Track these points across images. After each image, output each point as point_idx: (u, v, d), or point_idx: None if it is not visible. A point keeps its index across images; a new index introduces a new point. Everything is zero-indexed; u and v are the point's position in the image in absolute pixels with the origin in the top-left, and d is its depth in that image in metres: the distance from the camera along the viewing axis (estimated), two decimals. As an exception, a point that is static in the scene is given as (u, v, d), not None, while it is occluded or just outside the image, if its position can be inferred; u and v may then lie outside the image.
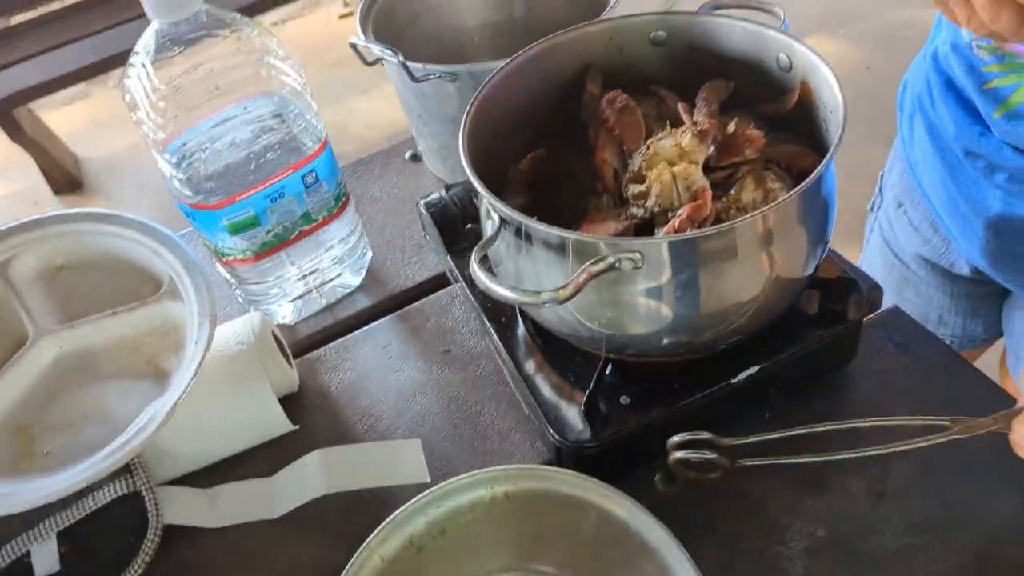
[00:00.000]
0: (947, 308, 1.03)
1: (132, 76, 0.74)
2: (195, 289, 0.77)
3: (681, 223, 0.60)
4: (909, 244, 1.02)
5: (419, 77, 0.88)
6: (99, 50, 2.28)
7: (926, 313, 1.06)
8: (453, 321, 0.88)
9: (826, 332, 0.70)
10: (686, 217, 0.60)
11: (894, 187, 1.04)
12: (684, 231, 0.60)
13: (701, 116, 0.68)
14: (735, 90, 0.74)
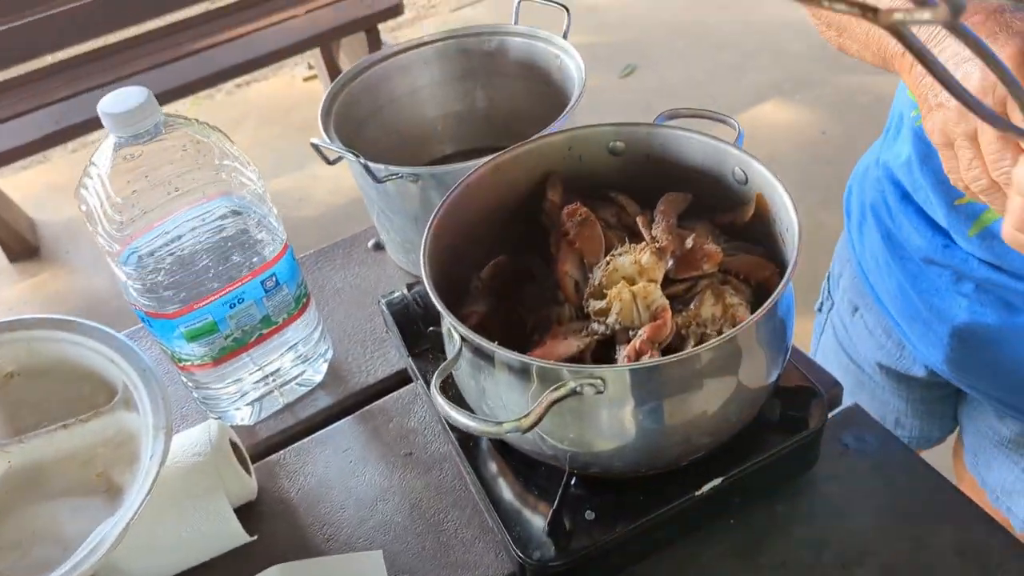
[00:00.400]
0: (904, 412, 1.04)
1: (89, 188, 0.73)
2: (150, 399, 0.75)
3: (642, 344, 0.60)
4: (865, 349, 1.03)
5: (381, 178, 0.88)
6: (59, 119, 2.26)
7: (883, 416, 1.05)
8: (415, 421, 0.87)
9: (788, 441, 0.71)
10: (647, 338, 0.61)
11: (847, 291, 1.04)
12: (645, 352, 0.60)
13: (659, 231, 0.69)
14: (694, 199, 0.75)
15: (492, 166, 0.75)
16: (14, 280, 2.67)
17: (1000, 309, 0.80)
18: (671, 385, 0.58)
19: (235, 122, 3.24)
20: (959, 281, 0.82)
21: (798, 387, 0.73)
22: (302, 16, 2.60)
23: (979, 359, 0.85)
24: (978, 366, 0.86)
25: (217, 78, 2.46)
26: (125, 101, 0.70)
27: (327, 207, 2.78)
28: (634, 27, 3.45)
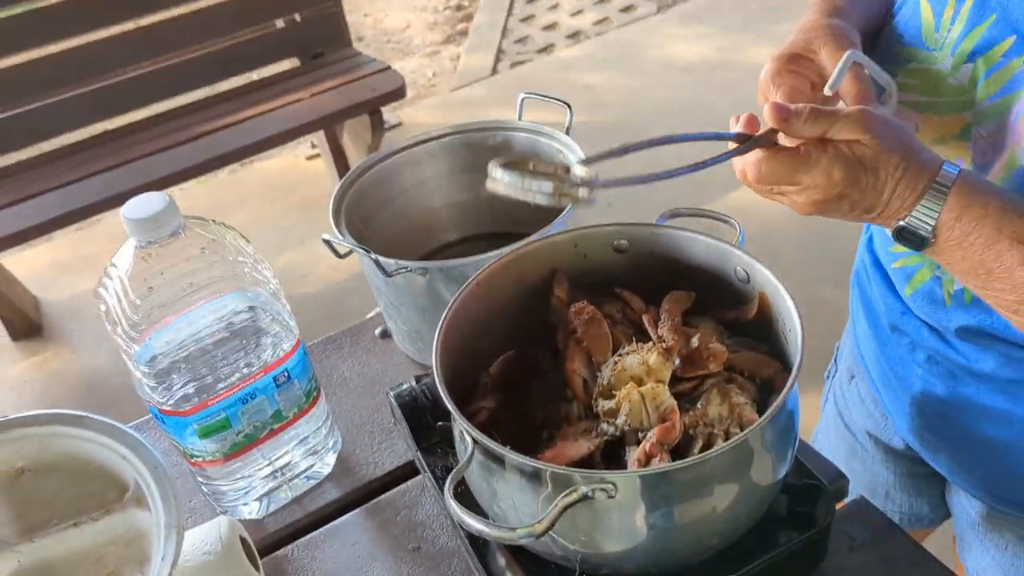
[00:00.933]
0: (892, 485, 1.05)
1: (108, 288, 0.75)
2: (162, 496, 0.75)
3: (651, 448, 0.62)
4: (858, 417, 1.05)
5: (391, 272, 0.91)
6: (65, 203, 2.30)
7: (874, 487, 1.07)
8: (423, 514, 0.87)
9: (797, 537, 0.71)
10: (656, 441, 0.62)
11: (847, 359, 1.07)
12: (655, 455, 0.61)
13: (665, 330, 0.70)
14: (698, 295, 0.77)
15: (500, 264, 0.78)
16: (17, 359, 2.67)
17: (947, 379, 0.83)
18: (681, 489, 0.59)
19: (239, 199, 3.28)
20: (914, 350, 0.85)
21: (805, 483, 0.73)
22: (307, 99, 2.67)
23: (937, 432, 0.87)
24: (936, 439, 0.88)
25: (223, 160, 2.50)
26: (147, 207, 0.72)
27: (329, 283, 2.80)
28: (629, 105, 3.53)
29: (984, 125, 0.68)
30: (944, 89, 0.71)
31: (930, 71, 0.71)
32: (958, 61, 0.69)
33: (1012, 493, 0.85)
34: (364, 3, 4.76)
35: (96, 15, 2.56)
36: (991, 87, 0.67)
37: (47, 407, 2.58)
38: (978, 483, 0.88)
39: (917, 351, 0.85)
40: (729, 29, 3.94)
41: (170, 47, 2.68)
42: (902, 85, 0.73)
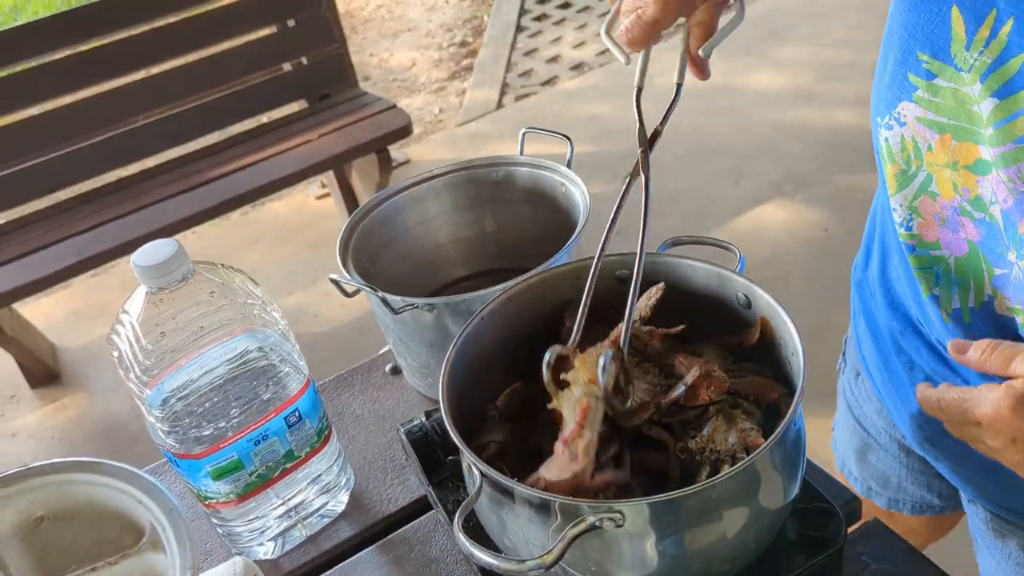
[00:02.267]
0: (904, 477, 1.05)
1: (120, 334, 0.77)
2: (177, 539, 0.76)
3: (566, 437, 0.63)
4: (869, 412, 1.06)
5: (399, 309, 0.92)
6: (82, 250, 2.34)
7: (886, 479, 1.08)
8: (437, 550, 0.87)
9: (809, 562, 0.71)
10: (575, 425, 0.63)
11: (852, 355, 1.08)
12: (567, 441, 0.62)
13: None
14: (701, 321, 0.78)
15: (504, 298, 0.79)
16: (35, 406, 2.70)
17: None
18: (689, 515, 0.59)
19: (251, 240, 3.32)
20: (912, 370, 0.85)
21: (815, 507, 0.73)
22: (315, 140, 2.71)
23: (936, 444, 0.87)
24: (936, 450, 0.88)
25: (234, 203, 2.54)
26: (156, 254, 0.74)
27: (340, 322, 2.82)
28: (634, 135, 3.56)
29: (1007, 169, 0.62)
30: (965, 115, 0.65)
31: (957, 93, 0.65)
32: (984, 92, 0.62)
33: (1012, 503, 0.85)
34: (369, 44, 4.84)
35: (106, 66, 2.62)
36: (1015, 131, 0.61)
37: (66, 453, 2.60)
38: (980, 492, 0.88)
39: (916, 371, 0.85)
40: (731, 54, 3.98)
41: (179, 94, 2.73)
42: (920, 99, 0.68)
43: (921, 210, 0.73)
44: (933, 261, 0.75)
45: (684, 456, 0.68)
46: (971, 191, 0.67)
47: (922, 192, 0.72)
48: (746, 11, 0.75)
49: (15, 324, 2.57)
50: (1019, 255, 0.64)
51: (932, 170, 0.70)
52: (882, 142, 0.75)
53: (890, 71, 0.72)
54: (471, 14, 4.89)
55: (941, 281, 0.75)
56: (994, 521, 0.90)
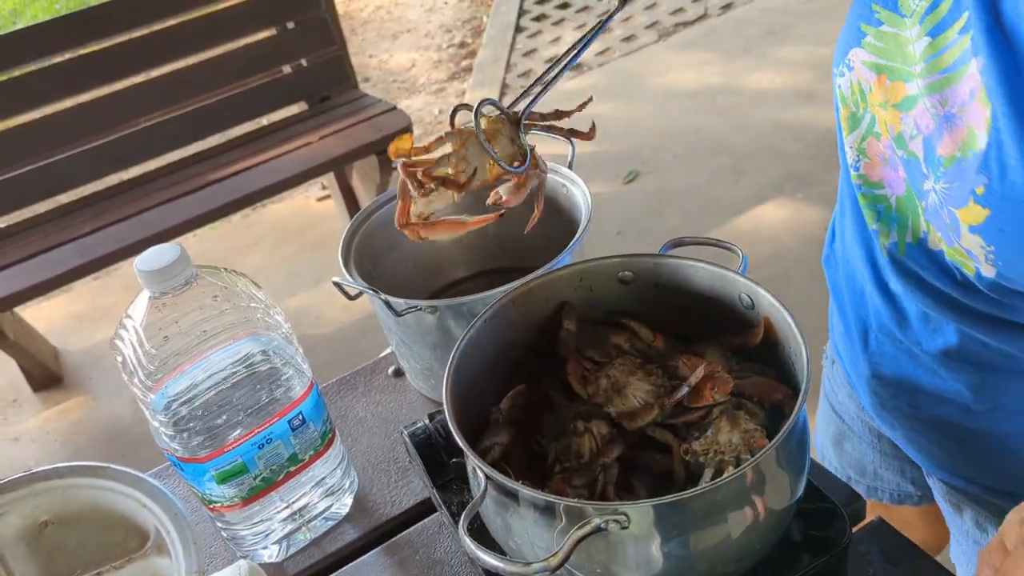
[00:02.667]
0: (879, 464, 1.07)
1: (124, 339, 0.77)
2: (182, 543, 0.77)
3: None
4: (843, 398, 1.08)
5: (401, 311, 0.92)
6: (84, 253, 2.34)
7: (863, 466, 1.10)
8: (442, 552, 0.88)
9: (814, 562, 0.71)
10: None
11: (831, 345, 1.10)
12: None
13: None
14: (704, 322, 0.78)
15: (507, 301, 0.79)
16: (39, 409, 2.70)
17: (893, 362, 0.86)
18: (694, 517, 0.59)
19: (252, 243, 3.32)
20: (867, 332, 0.89)
21: (819, 507, 0.73)
22: (316, 142, 2.71)
23: (890, 410, 0.90)
24: (891, 416, 0.92)
25: (235, 206, 2.54)
26: (160, 259, 0.74)
27: (342, 324, 2.82)
28: (634, 134, 3.56)
29: (931, 97, 0.68)
30: (901, 56, 0.72)
31: (897, 36, 0.72)
32: (922, 31, 0.70)
33: (961, 469, 0.87)
34: (369, 45, 4.85)
35: (106, 69, 2.62)
36: (941, 63, 0.67)
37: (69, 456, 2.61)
38: (931, 460, 0.91)
39: (870, 333, 0.88)
40: (730, 54, 3.98)
41: (180, 97, 2.73)
42: (867, 44, 0.75)
43: (868, 151, 0.79)
44: (877, 200, 0.80)
45: (688, 458, 0.68)
46: (896, 128, 0.73)
47: (868, 133, 0.78)
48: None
49: (17, 328, 2.57)
50: (935, 178, 0.68)
51: (874, 111, 0.76)
52: (837, 89, 0.81)
53: (849, 22, 0.79)
54: (470, 15, 4.89)
55: (882, 217, 0.79)
56: (950, 494, 0.93)
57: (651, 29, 4.29)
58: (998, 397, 0.79)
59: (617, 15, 0.76)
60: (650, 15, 4.40)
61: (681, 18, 4.33)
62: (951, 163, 0.66)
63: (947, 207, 0.67)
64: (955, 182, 0.65)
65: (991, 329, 0.74)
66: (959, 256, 0.69)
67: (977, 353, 0.77)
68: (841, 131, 0.83)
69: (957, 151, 0.65)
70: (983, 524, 0.91)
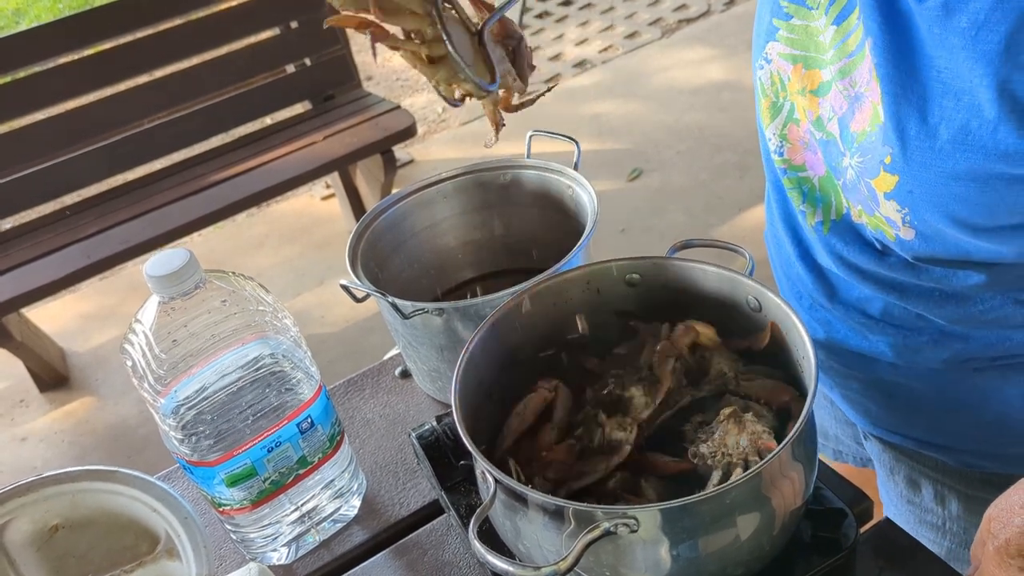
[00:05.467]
0: (836, 429, 1.11)
1: (134, 344, 0.77)
2: (192, 546, 0.77)
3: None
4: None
5: (408, 314, 0.92)
6: (90, 254, 2.34)
7: (825, 430, 1.14)
8: (450, 554, 0.88)
9: (822, 563, 0.71)
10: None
11: None
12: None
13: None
14: (711, 323, 0.78)
15: (515, 303, 0.79)
16: (45, 409, 2.71)
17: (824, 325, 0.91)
18: (704, 520, 0.60)
19: (256, 242, 3.33)
20: (801, 299, 0.93)
21: (827, 508, 0.74)
22: (320, 142, 2.71)
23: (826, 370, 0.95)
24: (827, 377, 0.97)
25: (239, 206, 2.55)
26: (168, 264, 0.74)
27: (347, 323, 2.82)
28: (637, 132, 3.56)
29: (842, 80, 0.74)
30: (813, 46, 0.77)
31: (808, 28, 0.77)
32: (828, 20, 0.75)
33: (895, 424, 0.92)
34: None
35: (110, 70, 2.63)
36: (847, 48, 0.72)
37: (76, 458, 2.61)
38: (867, 416, 0.94)
39: (803, 299, 0.93)
40: (733, 50, 3.97)
41: (184, 97, 2.74)
42: (781, 37, 0.80)
43: (789, 136, 0.84)
44: (801, 181, 0.85)
45: (696, 460, 0.68)
46: (814, 112, 0.78)
47: (789, 120, 0.83)
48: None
49: (24, 329, 2.58)
50: (851, 154, 0.74)
51: (793, 99, 0.81)
52: (758, 82, 0.86)
53: (760, 18, 0.84)
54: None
55: (807, 198, 0.84)
56: (884, 453, 0.97)
57: (654, 26, 4.29)
58: (916, 356, 0.84)
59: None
60: (653, 11, 4.39)
61: (684, 14, 4.33)
62: (863, 137, 0.72)
63: (863, 179, 0.73)
64: (868, 155, 0.71)
65: (908, 295, 0.80)
66: (881, 224, 0.74)
67: (897, 317, 0.83)
68: (761, 121, 0.89)
69: (867, 126, 0.71)
70: (916, 480, 0.95)
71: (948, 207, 0.67)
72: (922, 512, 0.96)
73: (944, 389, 0.85)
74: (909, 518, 0.98)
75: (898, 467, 0.97)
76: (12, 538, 0.80)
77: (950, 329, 0.80)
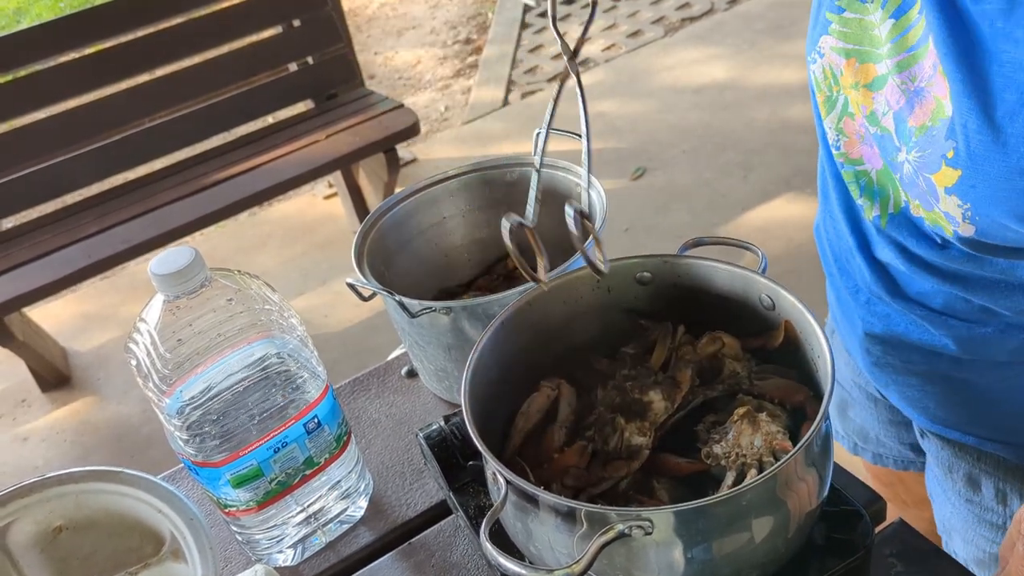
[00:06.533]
0: (879, 431, 1.10)
1: (138, 343, 0.76)
2: (198, 548, 0.76)
3: None
4: (841, 367, 1.09)
5: (415, 313, 0.91)
6: (91, 253, 2.33)
7: (866, 432, 1.12)
8: (458, 555, 0.87)
9: (837, 565, 0.70)
10: None
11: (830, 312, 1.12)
12: None
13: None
14: (723, 323, 0.77)
15: (524, 302, 0.78)
16: (48, 409, 2.70)
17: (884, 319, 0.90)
18: (719, 522, 0.59)
19: (259, 242, 3.32)
20: (857, 293, 0.92)
21: (841, 510, 0.73)
22: (322, 141, 2.70)
23: (883, 367, 0.93)
24: (883, 375, 0.94)
25: (241, 205, 2.54)
26: (174, 262, 0.73)
27: (352, 322, 2.82)
28: (641, 131, 3.55)
29: (900, 74, 0.73)
30: (868, 39, 0.76)
31: (861, 21, 0.77)
32: (885, 15, 0.74)
33: (954, 421, 0.91)
34: (374, 42, 4.84)
35: (111, 69, 2.62)
36: (907, 42, 0.72)
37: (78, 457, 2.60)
38: (926, 414, 0.93)
39: (860, 293, 0.92)
40: (737, 49, 3.96)
41: (186, 96, 2.73)
42: (833, 31, 0.80)
43: (846, 130, 0.83)
44: (859, 175, 0.84)
45: (710, 461, 0.67)
46: (868, 107, 0.78)
47: (844, 114, 0.83)
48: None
49: (26, 328, 2.57)
50: (908, 149, 0.73)
51: (847, 92, 0.81)
52: (811, 76, 0.86)
53: (814, 12, 0.84)
54: (475, 11, 4.88)
55: (865, 192, 0.84)
56: (943, 451, 0.95)
57: (657, 24, 4.27)
58: (981, 349, 0.83)
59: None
60: (656, 10, 4.38)
61: (687, 13, 4.31)
62: (922, 132, 0.71)
63: (922, 174, 0.72)
64: (927, 149, 0.70)
65: (971, 287, 0.79)
66: (939, 219, 0.73)
67: (961, 310, 0.82)
68: (819, 113, 0.88)
69: (928, 120, 0.70)
70: (976, 479, 0.94)
71: (1012, 202, 0.66)
72: (982, 511, 0.95)
73: (1009, 383, 0.85)
74: (968, 517, 0.96)
75: (957, 464, 0.95)
76: (15, 539, 0.79)
77: (1016, 320, 0.79)
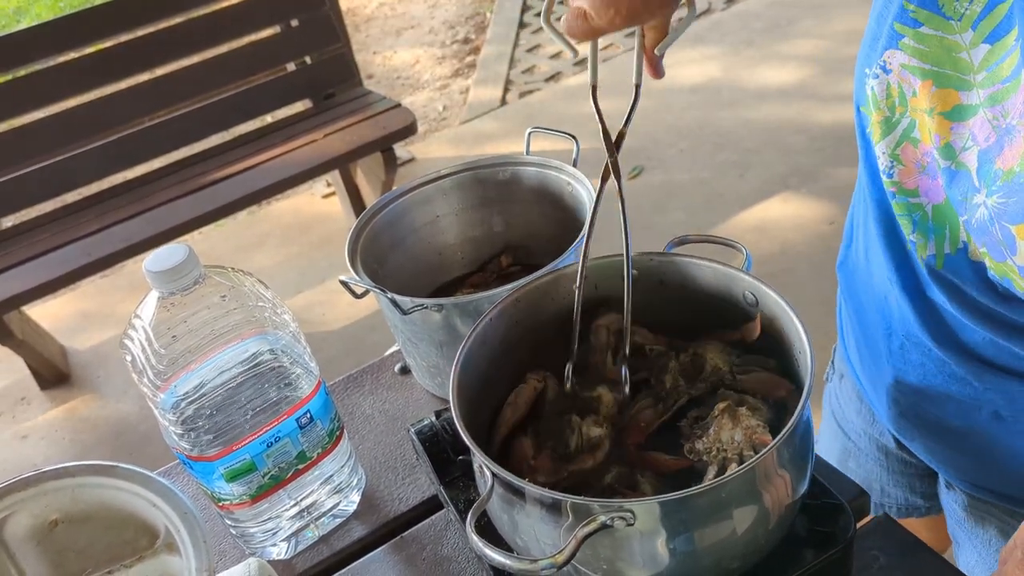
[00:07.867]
0: (887, 481, 1.06)
1: (133, 339, 0.77)
2: (192, 541, 0.77)
3: None
4: (850, 414, 1.06)
5: (408, 310, 0.92)
6: (90, 252, 2.35)
7: (869, 484, 1.08)
8: (449, 549, 0.88)
9: (819, 557, 0.71)
10: None
11: (839, 361, 1.09)
12: None
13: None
14: (708, 319, 0.78)
15: (513, 299, 0.79)
16: (46, 407, 2.72)
17: (918, 368, 0.83)
18: (699, 514, 0.60)
19: (257, 240, 3.33)
20: (890, 337, 0.85)
21: (824, 503, 0.74)
22: (320, 140, 2.72)
23: (911, 419, 0.88)
24: (911, 427, 0.89)
25: (239, 204, 2.55)
26: (168, 259, 0.74)
27: (348, 321, 2.83)
28: (638, 130, 3.55)
29: (993, 108, 0.64)
30: (951, 62, 0.67)
31: (943, 41, 0.67)
32: (977, 37, 0.65)
33: (988, 480, 0.86)
34: (372, 42, 4.85)
35: (111, 68, 2.63)
36: (1000, 73, 0.63)
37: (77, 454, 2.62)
38: (955, 471, 0.89)
39: (893, 337, 0.84)
40: (734, 48, 3.98)
41: (184, 95, 2.74)
42: (906, 46, 0.70)
43: (903, 157, 0.75)
44: (912, 208, 0.76)
45: (692, 456, 0.68)
46: (943, 138, 0.69)
47: (904, 139, 0.74)
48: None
49: (25, 327, 2.58)
50: (988, 192, 0.65)
51: (915, 115, 0.72)
52: (868, 91, 0.76)
53: (878, 21, 0.74)
54: (473, 11, 4.89)
55: (918, 227, 0.75)
56: (972, 505, 0.90)
57: (655, 24, 4.28)
58: None
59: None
60: (654, 10, 4.39)
61: (684, 12, 4.32)
62: (1010, 177, 0.62)
63: (1000, 222, 0.64)
64: (1012, 197, 0.62)
65: None
66: (1010, 272, 0.66)
67: (1015, 364, 0.75)
68: (867, 135, 0.79)
69: (1016, 165, 0.62)
70: (1008, 533, 0.89)
71: None
72: None
73: None
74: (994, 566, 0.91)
75: (989, 519, 0.90)
76: (12, 533, 0.81)
77: None
